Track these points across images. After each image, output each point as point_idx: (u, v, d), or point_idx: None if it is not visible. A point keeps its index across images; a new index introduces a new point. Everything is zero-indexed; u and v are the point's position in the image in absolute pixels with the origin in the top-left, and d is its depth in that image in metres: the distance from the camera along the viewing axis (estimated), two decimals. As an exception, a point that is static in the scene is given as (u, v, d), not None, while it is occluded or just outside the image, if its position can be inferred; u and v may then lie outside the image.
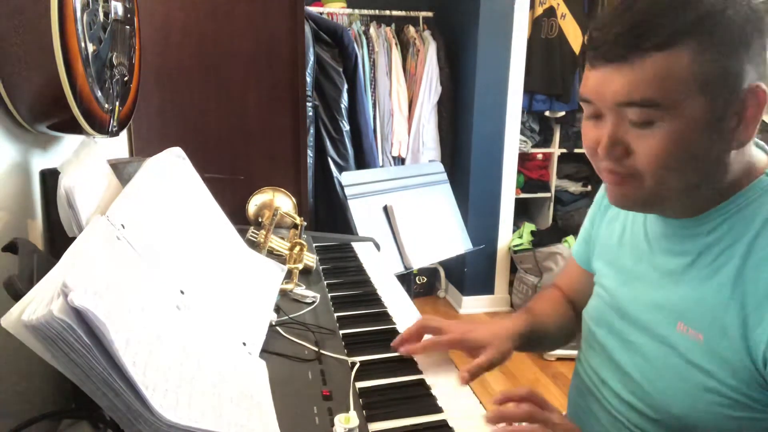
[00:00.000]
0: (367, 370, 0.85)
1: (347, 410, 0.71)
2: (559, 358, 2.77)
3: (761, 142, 0.75)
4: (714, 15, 0.62)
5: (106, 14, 0.87)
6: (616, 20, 0.65)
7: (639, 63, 0.63)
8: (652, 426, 0.77)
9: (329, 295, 1.12)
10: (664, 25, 0.62)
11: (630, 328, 0.80)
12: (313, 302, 1.05)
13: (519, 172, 3.34)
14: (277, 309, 0.99)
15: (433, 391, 0.81)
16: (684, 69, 0.62)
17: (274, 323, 0.94)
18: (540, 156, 3.52)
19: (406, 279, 2.46)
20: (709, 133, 0.65)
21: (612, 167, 0.70)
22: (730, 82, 0.63)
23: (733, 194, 0.70)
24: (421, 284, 3.57)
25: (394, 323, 1.02)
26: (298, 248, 1.20)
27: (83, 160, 0.78)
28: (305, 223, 1.34)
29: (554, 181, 3.53)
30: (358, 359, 0.87)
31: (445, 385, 0.83)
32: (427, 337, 0.91)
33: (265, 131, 1.63)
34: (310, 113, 2.71)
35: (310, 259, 1.21)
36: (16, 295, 0.53)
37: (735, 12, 0.63)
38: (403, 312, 1.07)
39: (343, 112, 2.82)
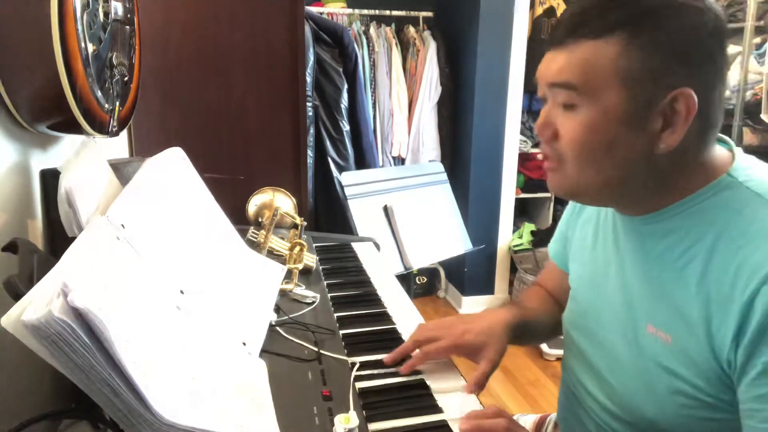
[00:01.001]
0: (367, 370, 0.85)
1: (347, 410, 0.71)
2: (559, 358, 2.76)
3: (725, 137, 0.75)
4: (657, 15, 0.64)
5: (106, 14, 0.87)
6: (568, 9, 0.69)
7: (572, 48, 0.67)
8: (628, 430, 0.77)
9: (329, 295, 1.12)
10: (602, 16, 0.65)
11: (604, 332, 0.80)
12: (313, 302, 1.05)
13: (519, 172, 3.34)
14: (277, 309, 0.99)
15: (433, 391, 0.81)
16: (609, 59, 0.64)
17: (274, 323, 0.94)
18: (540, 156, 3.51)
19: (406, 279, 2.46)
20: (627, 129, 0.66)
21: (545, 150, 0.73)
22: (655, 82, 0.64)
23: (690, 193, 0.69)
24: (421, 284, 3.57)
25: (394, 323, 1.02)
26: (298, 248, 1.20)
27: (83, 160, 0.78)
28: (305, 223, 1.34)
29: (554, 181, 3.52)
30: (358, 359, 0.87)
31: (445, 385, 0.83)
32: None
33: (265, 131, 1.63)
34: (310, 113, 2.71)
35: (310, 259, 1.21)
36: (16, 295, 0.53)
37: (686, 18, 0.63)
38: (403, 312, 1.07)
39: (343, 112, 2.82)
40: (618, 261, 0.79)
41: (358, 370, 0.83)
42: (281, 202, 1.42)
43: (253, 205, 1.44)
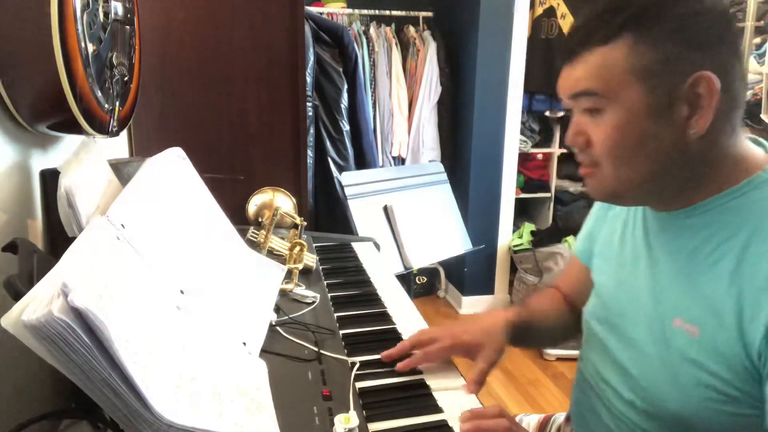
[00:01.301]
0: (367, 370, 0.85)
1: (347, 410, 0.71)
2: (559, 358, 2.77)
3: (761, 139, 0.76)
4: (658, 8, 0.66)
5: (106, 14, 0.87)
6: (573, 24, 0.72)
7: (585, 57, 0.69)
8: (651, 423, 0.77)
9: (329, 295, 1.12)
10: (606, 22, 0.67)
11: (629, 325, 0.80)
12: (313, 302, 1.05)
13: (519, 172, 3.34)
14: (277, 309, 0.99)
15: (433, 391, 0.81)
16: (620, 60, 0.67)
17: (274, 323, 0.94)
18: (540, 156, 3.51)
19: (406, 279, 2.46)
20: (654, 121, 0.67)
21: (581, 158, 0.76)
22: (671, 71, 0.66)
23: (727, 188, 0.70)
24: (421, 284, 3.57)
25: (394, 323, 1.02)
26: (298, 248, 1.20)
27: (83, 160, 0.79)
28: (305, 223, 1.34)
29: (554, 181, 3.53)
30: (358, 359, 0.87)
31: (445, 385, 0.83)
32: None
33: (265, 131, 1.63)
34: (310, 113, 2.71)
35: (310, 259, 1.21)
36: (16, 295, 0.53)
37: (686, 5, 0.65)
38: (403, 312, 1.07)
39: (343, 112, 2.81)
40: (647, 255, 0.79)
41: (358, 370, 0.83)
42: (281, 202, 1.42)
43: (253, 205, 1.44)
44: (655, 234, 0.79)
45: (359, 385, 0.81)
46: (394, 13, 3.23)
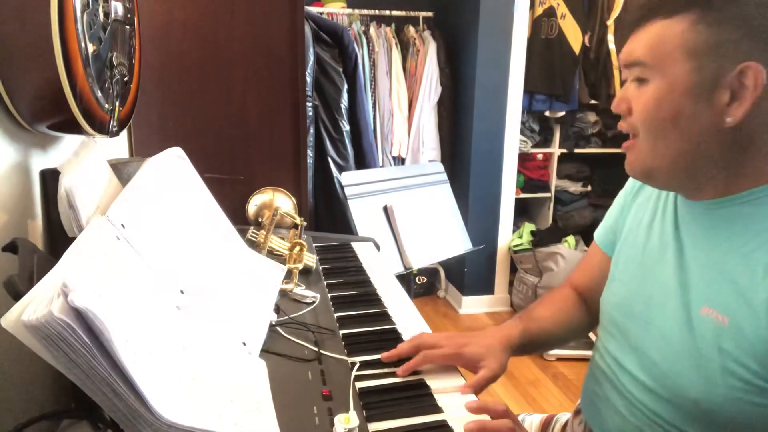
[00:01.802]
0: (367, 370, 0.85)
1: (347, 410, 0.71)
2: (559, 358, 2.77)
3: None
4: None
5: (106, 14, 0.87)
6: None
7: (646, 28, 0.71)
8: (668, 411, 0.77)
9: (329, 295, 1.12)
10: None
11: (654, 313, 0.80)
12: (313, 302, 1.05)
13: (519, 172, 3.34)
14: (277, 309, 0.99)
15: (433, 392, 0.81)
16: (676, 35, 0.68)
17: (274, 323, 0.94)
18: (540, 156, 3.52)
19: (406, 279, 2.46)
20: (693, 101, 0.68)
21: (622, 126, 0.77)
22: (722, 55, 0.66)
23: (763, 182, 0.71)
24: (421, 284, 3.57)
25: (394, 323, 1.02)
26: (298, 248, 1.20)
27: (83, 160, 0.78)
28: (305, 223, 1.34)
29: (554, 181, 3.53)
30: (358, 359, 0.87)
31: (445, 385, 0.83)
32: None
33: (265, 131, 1.63)
34: (310, 113, 2.71)
35: (310, 259, 1.21)
36: (16, 295, 0.53)
37: None
38: (403, 312, 1.07)
39: (343, 112, 2.81)
40: (676, 243, 0.80)
41: (358, 370, 0.83)
42: (281, 202, 1.42)
43: (253, 205, 1.44)
44: (686, 223, 0.79)
45: (359, 385, 0.81)
46: (394, 13, 3.23)
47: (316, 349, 0.88)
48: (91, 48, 0.80)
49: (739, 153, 0.70)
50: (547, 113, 3.34)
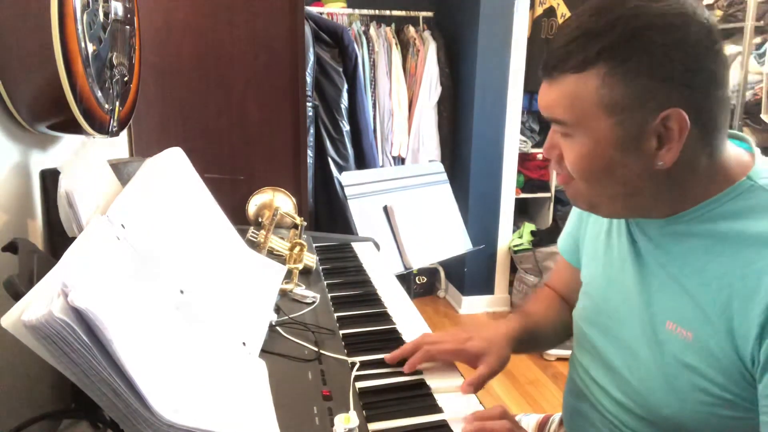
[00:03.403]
0: (367, 370, 0.85)
1: (347, 410, 0.71)
2: (559, 358, 2.77)
3: (744, 136, 0.75)
4: (639, 40, 0.63)
5: (106, 14, 0.87)
6: (554, 40, 0.70)
7: (559, 82, 0.69)
8: (643, 426, 0.77)
9: (329, 295, 1.12)
10: (583, 48, 0.65)
11: (620, 327, 0.80)
12: (313, 302, 1.05)
13: (519, 172, 3.34)
14: (277, 309, 0.99)
15: (433, 392, 0.81)
16: (591, 92, 0.66)
17: (274, 323, 0.94)
18: (540, 156, 3.51)
19: (406, 279, 2.46)
20: (622, 152, 0.67)
21: (556, 169, 0.76)
22: (641, 106, 0.64)
23: (708, 198, 0.70)
24: (421, 284, 3.57)
25: (394, 323, 1.02)
26: (298, 248, 1.19)
27: (83, 160, 0.78)
28: (305, 223, 1.34)
29: (554, 181, 3.53)
30: (358, 359, 0.87)
31: (445, 385, 0.83)
32: None
33: (265, 131, 1.63)
34: (310, 113, 2.71)
35: (310, 259, 1.21)
36: (16, 295, 0.53)
37: (669, 35, 0.62)
38: (403, 312, 1.07)
39: (343, 112, 2.81)
40: (634, 257, 0.79)
41: (358, 370, 0.83)
42: (281, 202, 1.42)
43: (253, 205, 1.44)
44: (640, 237, 0.79)
45: (359, 385, 0.81)
46: (394, 13, 3.23)
47: (316, 349, 0.88)
48: (91, 48, 0.80)
49: (677, 185, 0.70)
50: (547, 113, 3.34)
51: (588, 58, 0.65)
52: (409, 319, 1.04)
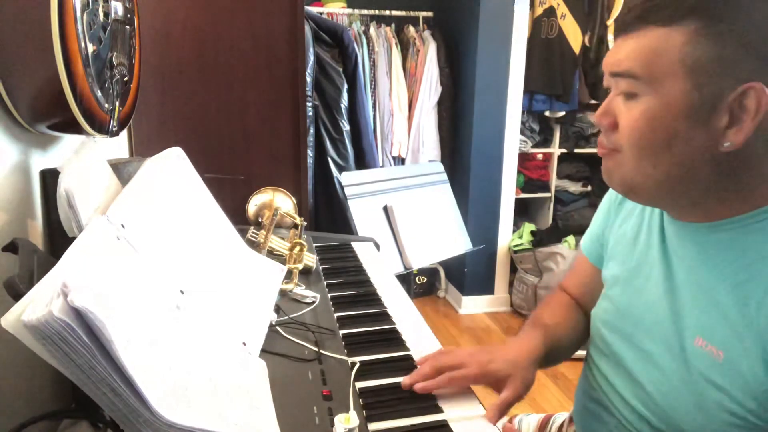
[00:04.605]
0: (367, 370, 0.85)
1: (347, 410, 0.71)
2: (559, 358, 2.77)
3: None
4: (736, 3, 0.59)
5: (106, 14, 0.87)
6: None
7: (641, 34, 0.63)
8: None
9: (329, 295, 1.12)
10: (674, 1, 0.61)
11: (644, 337, 0.76)
12: (313, 302, 1.05)
13: (519, 172, 3.34)
14: (277, 309, 0.99)
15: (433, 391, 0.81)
16: (675, 48, 0.61)
17: (274, 323, 0.94)
18: (540, 156, 3.52)
19: (406, 279, 2.46)
20: (689, 123, 0.62)
21: (601, 141, 0.71)
22: (724, 74, 0.60)
23: (759, 207, 0.65)
24: (421, 284, 3.57)
25: (394, 323, 1.02)
26: (298, 248, 1.19)
27: (83, 160, 0.78)
28: (305, 223, 1.34)
29: (554, 181, 3.53)
30: (358, 359, 0.87)
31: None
32: None
33: (265, 131, 1.63)
34: (310, 113, 2.71)
35: (310, 259, 1.21)
36: (16, 295, 0.53)
37: (762, 8, 0.59)
38: (403, 312, 1.07)
39: (343, 112, 2.82)
40: (665, 265, 0.74)
41: (358, 370, 0.83)
42: (281, 202, 1.42)
43: (253, 205, 1.43)
44: (675, 243, 0.74)
45: (359, 385, 0.81)
46: (394, 13, 3.23)
47: (316, 349, 0.88)
48: (91, 48, 0.80)
49: (734, 178, 0.64)
50: (547, 113, 3.34)
51: (680, 12, 0.60)
52: (409, 319, 1.04)
